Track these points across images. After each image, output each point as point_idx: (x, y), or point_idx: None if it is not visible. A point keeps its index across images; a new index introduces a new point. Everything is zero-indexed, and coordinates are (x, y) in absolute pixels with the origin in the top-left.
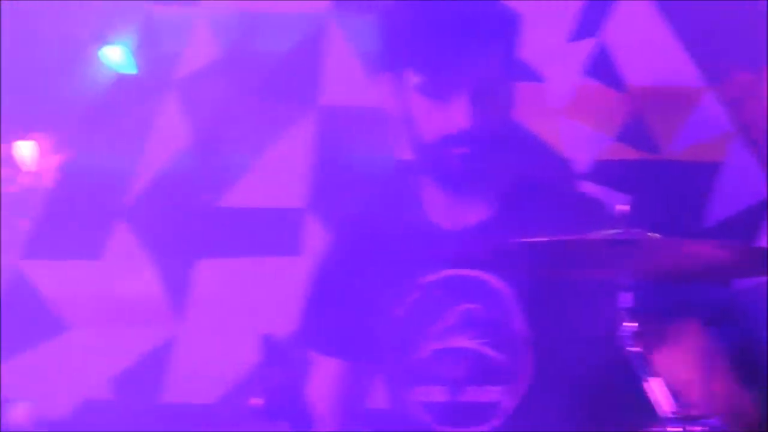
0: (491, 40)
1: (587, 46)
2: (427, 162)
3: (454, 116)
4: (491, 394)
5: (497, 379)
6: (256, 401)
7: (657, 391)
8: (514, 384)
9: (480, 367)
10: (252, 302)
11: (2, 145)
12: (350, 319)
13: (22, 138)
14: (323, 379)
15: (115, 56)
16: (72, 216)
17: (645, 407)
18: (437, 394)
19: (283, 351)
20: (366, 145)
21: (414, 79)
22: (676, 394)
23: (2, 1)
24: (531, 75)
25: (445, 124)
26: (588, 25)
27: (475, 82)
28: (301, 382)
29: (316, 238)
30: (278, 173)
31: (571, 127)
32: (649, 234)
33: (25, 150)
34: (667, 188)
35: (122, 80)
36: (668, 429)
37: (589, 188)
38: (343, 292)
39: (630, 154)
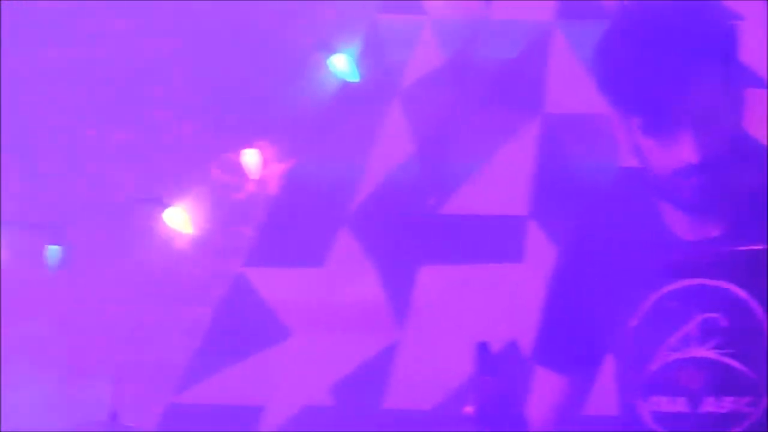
0: (710, 65)
1: None
2: (660, 189)
3: (682, 151)
4: (732, 404)
5: (739, 389)
6: (469, 410)
7: None
8: (758, 395)
9: (721, 378)
10: (473, 309)
11: (228, 153)
12: (582, 331)
13: (248, 146)
14: (544, 390)
15: (340, 65)
16: (295, 223)
17: None
18: (671, 404)
19: (498, 360)
20: (590, 153)
21: (636, 120)
22: None
23: (224, 14)
24: (754, 81)
25: (673, 160)
26: None
27: (699, 112)
28: (516, 392)
29: (538, 245)
30: (501, 180)
31: None
32: None
33: (250, 158)
34: None
35: (347, 88)
36: None
37: None
38: (575, 303)
39: None
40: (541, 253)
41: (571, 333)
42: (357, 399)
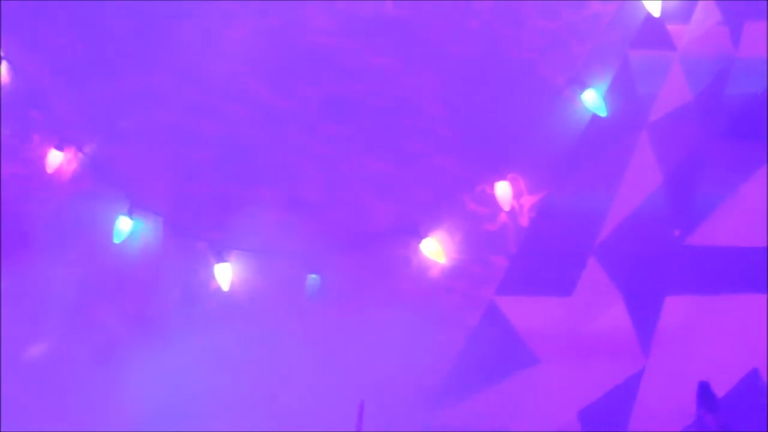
0: None
1: None
2: None
3: None
4: None
5: None
6: None
7: None
8: None
9: None
10: (717, 338)
11: (482, 185)
12: None
13: (500, 178)
14: None
15: (591, 99)
16: (545, 253)
17: None
18: None
19: (718, 399)
20: None
21: None
22: None
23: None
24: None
25: None
26: None
27: None
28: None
29: None
30: (745, 213)
31: None
32: None
33: (502, 190)
34: None
35: (597, 122)
36: None
37: None
38: None
39: None
40: None
41: None
42: (604, 424)
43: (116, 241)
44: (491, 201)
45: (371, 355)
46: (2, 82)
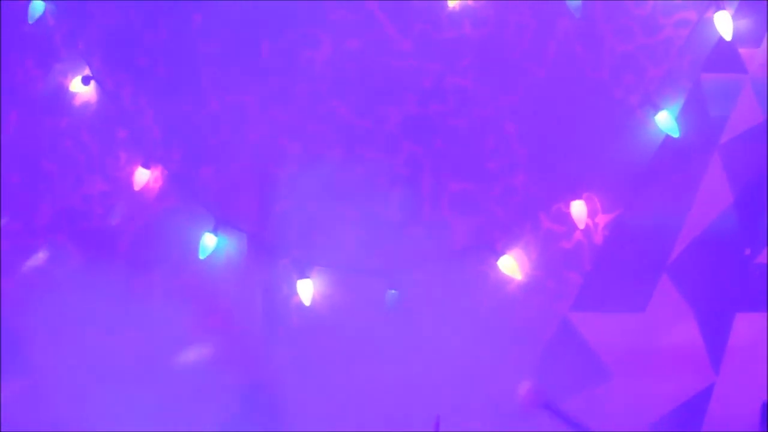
0: None
1: None
2: None
3: None
4: None
5: None
6: None
7: None
8: None
9: None
10: None
11: (557, 203)
12: None
13: (576, 197)
14: None
15: (664, 121)
16: (619, 270)
17: None
18: None
19: None
20: None
21: None
22: None
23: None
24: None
25: None
26: None
27: None
28: None
29: None
30: None
31: None
32: None
33: (578, 208)
34: None
35: (669, 143)
36: None
37: None
38: None
39: None
40: None
41: None
42: None
43: (201, 257)
44: (567, 219)
45: (448, 368)
46: (90, 101)
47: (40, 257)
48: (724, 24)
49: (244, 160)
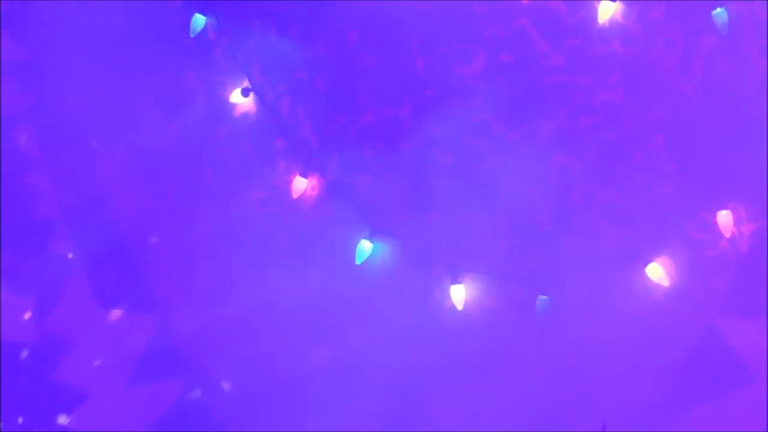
0: None
1: None
2: None
3: None
4: None
5: None
6: None
7: None
8: None
9: None
10: None
11: (704, 213)
12: None
13: (722, 207)
14: None
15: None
16: (764, 278)
17: None
18: None
19: None
20: None
21: None
22: None
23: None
24: None
25: None
26: None
27: None
28: None
29: None
30: None
31: None
32: None
33: (724, 218)
34: None
35: None
36: None
37: None
38: None
39: None
40: None
41: None
42: None
43: (358, 262)
44: (712, 228)
45: (595, 373)
46: (249, 111)
47: (199, 264)
48: None
49: (398, 170)
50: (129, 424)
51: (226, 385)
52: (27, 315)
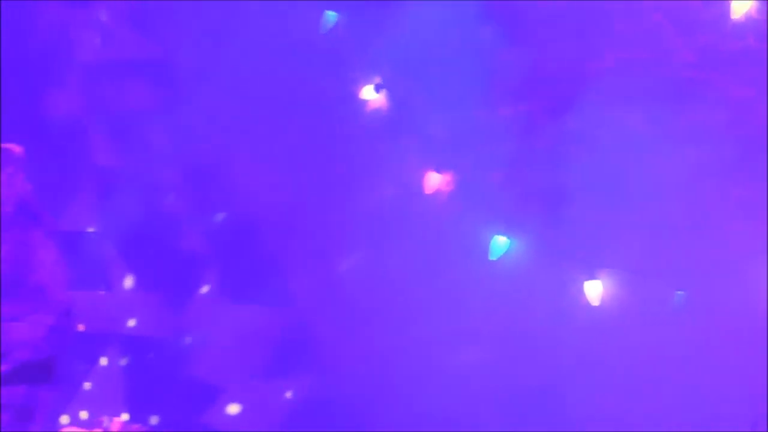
0: None
1: None
2: None
3: None
4: None
5: None
6: None
7: None
8: None
9: None
10: None
11: None
12: None
13: None
14: None
15: None
16: None
17: None
18: None
19: None
20: None
21: None
22: None
23: None
24: None
25: None
26: None
27: None
28: None
29: None
30: None
31: None
32: None
33: None
34: None
35: None
36: None
37: None
38: None
39: None
40: None
41: None
42: None
43: (492, 258)
44: None
45: (733, 370)
46: (381, 108)
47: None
48: None
49: (532, 166)
50: (263, 419)
51: (358, 381)
52: (161, 311)
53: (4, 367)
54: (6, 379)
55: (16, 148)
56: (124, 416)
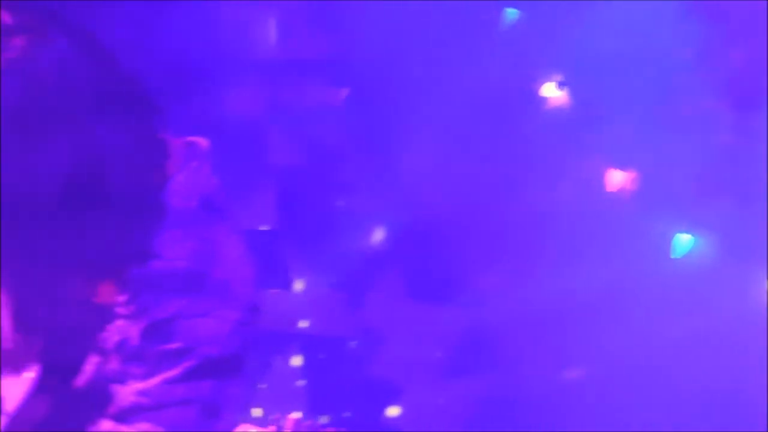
0: None
1: None
2: None
3: None
4: None
5: None
6: None
7: None
8: None
9: None
10: None
11: None
12: None
13: None
14: None
15: None
16: None
17: None
18: None
19: None
20: None
21: None
22: None
23: None
24: None
25: None
26: None
27: None
28: None
29: None
30: None
31: None
32: None
33: None
34: None
35: None
36: None
37: None
38: None
39: None
40: None
41: None
42: None
43: (674, 256)
44: None
45: None
46: (563, 106)
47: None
48: None
49: (716, 163)
50: (443, 420)
51: (540, 381)
52: (341, 309)
53: (190, 363)
54: (193, 375)
55: (202, 142)
56: (296, 414)
